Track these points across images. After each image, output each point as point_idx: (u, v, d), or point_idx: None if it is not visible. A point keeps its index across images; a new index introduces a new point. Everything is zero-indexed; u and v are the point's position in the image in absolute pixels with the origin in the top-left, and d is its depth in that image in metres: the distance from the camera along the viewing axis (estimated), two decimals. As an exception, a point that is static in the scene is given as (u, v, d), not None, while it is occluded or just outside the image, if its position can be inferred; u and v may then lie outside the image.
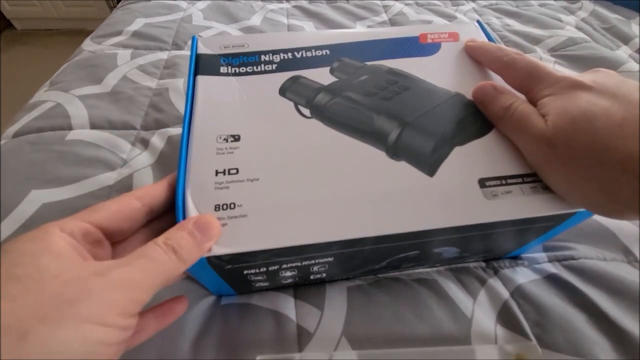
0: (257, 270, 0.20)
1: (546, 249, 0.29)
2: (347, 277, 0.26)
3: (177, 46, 0.50)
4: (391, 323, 0.24)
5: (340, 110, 0.23)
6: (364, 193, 0.19)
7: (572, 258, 0.28)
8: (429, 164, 0.20)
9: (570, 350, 0.23)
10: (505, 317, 0.24)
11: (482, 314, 0.24)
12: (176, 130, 0.37)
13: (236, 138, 0.21)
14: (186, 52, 0.49)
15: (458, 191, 0.19)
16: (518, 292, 0.25)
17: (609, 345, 0.23)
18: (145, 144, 0.36)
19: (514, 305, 0.25)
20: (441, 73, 0.25)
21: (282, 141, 0.21)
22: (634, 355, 0.22)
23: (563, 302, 0.25)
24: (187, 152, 0.20)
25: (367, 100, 0.23)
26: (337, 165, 0.20)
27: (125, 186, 0.32)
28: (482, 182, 0.20)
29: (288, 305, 0.25)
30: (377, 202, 0.19)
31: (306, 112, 0.23)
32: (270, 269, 0.20)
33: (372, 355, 0.22)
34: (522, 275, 0.27)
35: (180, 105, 0.40)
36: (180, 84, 0.43)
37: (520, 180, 0.20)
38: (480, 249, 0.24)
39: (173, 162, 0.33)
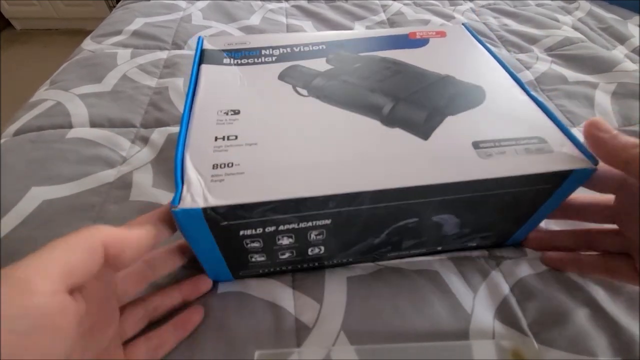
0: (254, 232, 0.20)
1: None
2: (346, 261, 0.26)
3: (176, 46, 0.51)
4: (391, 318, 0.24)
5: (337, 89, 0.24)
6: (360, 155, 0.20)
7: None
8: (423, 131, 0.21)
9: (567, 347, 0.23)
10: (503, 312, 0.24)
11: (481, 309, 0.24)
12: (176, 129, 0.37)
13: (236, 112, 0.22)
14: (186, 52, 0.49)
15: (452, 152, 0.20)
16: (518, 287, 0.25)
17: (607, 341, 0.23)
18: (145, 141, 0.36)
19: (513, 301, 0.25)
20: (431, 61, 0.27)
21: (280, 113, 0.22)
22: (632, 353, 0.22)
23: (563, 296, 0.25)
24: (188, 123, 0.21)
25: (362, 82, 0.25)
26: (333, 132, 0.21)
27: (125, 183, 0.32)
28: (476, 144, 0.21)
29: (286, 297, 0.25)
30: (373, 162, 0.20)
31: (304, 92, 0.24)
32: (267, 230, 0.20)
33: (370, 350, 0.22)
34: (524, 269, 0.27)
35: (180, 104, 0.40)
36: (180, 83, 0.43)
37: (513, 142, 0.21)
38: (481, 223, 0.24)
39: (173, 158, 0.34)
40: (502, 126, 0.22)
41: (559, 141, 0.21)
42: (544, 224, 0.29)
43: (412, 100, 0.23)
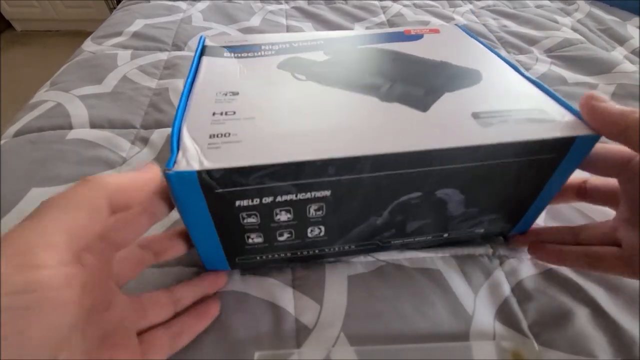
0: (250, 203, 0.19)
1: None
2: (348, 248, 0.25)
3: (176, 47, 0.51)
4: (391, 319, 0.24)
5: (335, 73, 0.25)
6: (359, 124, 0.20)
7: None
8: (423, 103, 0.22)
9: (567, 348, 0.22)
10: (504, 313, 0.24)
11: (482, 310, 0.24)
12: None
13: (235, 93, 0.23)
14: (186, 53, 0.49)
15: (453, 121, 0.20)
16: (519, 288, 0.25)
17: (607, 342, 0.23)
18: (144, 142, 0.36)
19: (514, 302, 0.25)
20: (426, 50, 0.28)
21: (279, 93, 0.23)
22: (632, 353, 0.22)
23: (563, 297, 0.25)
24: (187, 102, 0.22)
25: (360, 66, 0.26)
26: (332, 106, 0.22)
27: (125, 184, 0.32)
28: (476, 115, 0.21)
29: (286, 297, 0.25)
30: (373, 130, 0.20)
31: (302, 78, 0.25)
32: (264, 201, 0.19)
33: (370, 351, 0.22)
34: (526, 269, 0.26)
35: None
36: (180, 84, 0.43)
37: (514, 113, 0.21)
38: (486, 201, 0.23)
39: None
40: (502, 100, 0.22)
41: (561, 113, 0.21)
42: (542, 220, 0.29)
43: (409, 79, 0.24)
